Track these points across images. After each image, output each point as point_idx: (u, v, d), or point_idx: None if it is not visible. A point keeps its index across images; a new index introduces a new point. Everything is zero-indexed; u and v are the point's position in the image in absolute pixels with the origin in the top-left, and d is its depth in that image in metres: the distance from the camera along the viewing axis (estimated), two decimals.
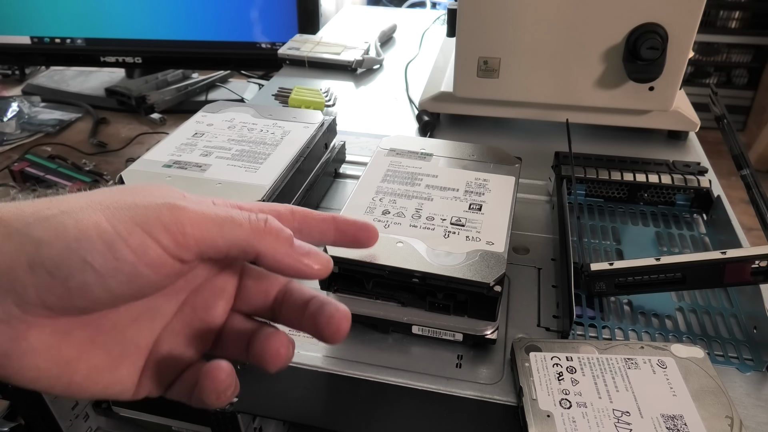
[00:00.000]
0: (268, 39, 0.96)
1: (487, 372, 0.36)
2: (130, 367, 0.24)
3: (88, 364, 0.23)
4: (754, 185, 0.45)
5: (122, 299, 0.22)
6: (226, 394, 0.23)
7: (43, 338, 0.21)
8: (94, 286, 0.21)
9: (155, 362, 0.25)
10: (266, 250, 0.24)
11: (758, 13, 1.95)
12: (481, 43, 0.57)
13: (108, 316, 0.23)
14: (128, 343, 0.24)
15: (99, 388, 0.23)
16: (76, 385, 0.22)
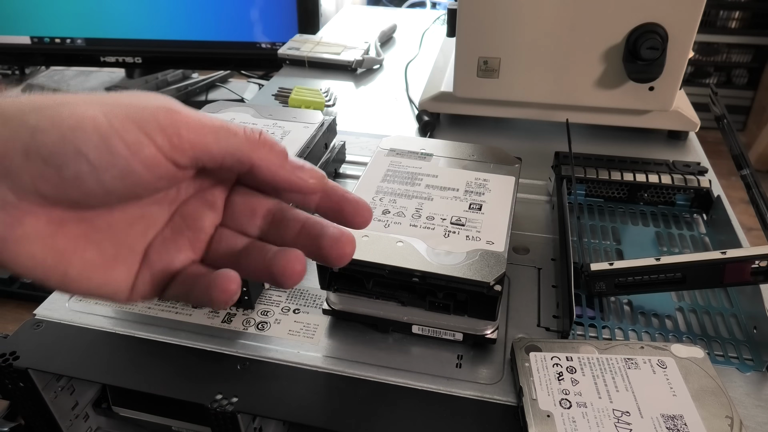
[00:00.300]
0: (268, 39, 0.96)
1: (487, 372, 0.36)
2: (125, 270, 0.24)
3: (82, 259, 0.23)
4: (754, 185, 0.45)
5: (115, 196, 0.22)
6: (233, 300, 0.24)
7: (38, 226, 0.21)
8: (88, 178, 0.21)
9: (149, 267, 0.25)
10: (260, 161, 0.24)
11: (758, 13, 1.94)
12: (481, 43, 0.57)
13: (103, 216, 0.23)
14: (122, 246, 0.24)
15: (93, 285, 0.23)
16: (71, 279, 0.22)
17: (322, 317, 0.40)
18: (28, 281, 0.61)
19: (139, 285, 0.24)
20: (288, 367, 0.36)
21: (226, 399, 0.34)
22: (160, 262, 0.25)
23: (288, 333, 0.39)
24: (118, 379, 0.36)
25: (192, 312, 0.41)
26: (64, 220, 0.22)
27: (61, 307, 0.41)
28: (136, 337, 0.39)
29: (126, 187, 0.22)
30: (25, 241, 0.21)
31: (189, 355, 0.37)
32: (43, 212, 0.21)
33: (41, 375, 0.37)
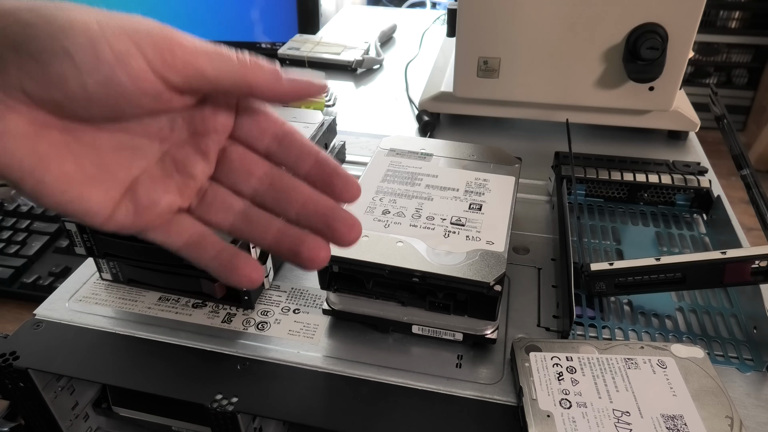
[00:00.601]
0: (268, 39, 0.96)
1: (487, 372, 0.36)
2: (102, 192, 0.24)
3: (60, 169, 0.23)
4: (754, 185, 0.45)
5: (97, 105, 0.22)
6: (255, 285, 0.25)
7: (20, 124, 0.21)
8: (71, 79, 0.21)
9: (134, 199, 0.25)
10: (258, 81, 0.24)
11: (758, 13, 1.94)
12: (481, 43, 0.57)
13: (88, 133, 0.23)
14: (104, 169, 0.24)
15: (67, 198, 0.23)
16: (45, 187, 0.22)
17: (322, 317, 0.40)
18: (28, 281, 0.61)
19: (119, 213, 0.24)
20: (288, 367, 0.36)
21: (226, 399, 0.34)
22: (146, 198, 0.25)
23: (288, 333, 0.39)
24: (118, 379, 0.36)
25: (192, 312, 0.41)
26: (47, 125, 0.22)
27: (61, 307, 0.41)
28: (136, 337, 0.39)
29: (109, 97, 0.22)
30: (5, 136, 0.21)
31: (189, 355, 0.37)
32: (27, 111, 0.22)
33: (41, 375, 0.37)
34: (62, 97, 0.22)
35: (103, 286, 0.43)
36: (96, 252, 0.40)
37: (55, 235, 0.68)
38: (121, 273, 0.42)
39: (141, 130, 0.25)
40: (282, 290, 0.42)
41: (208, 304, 0.41)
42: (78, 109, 0.22)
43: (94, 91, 0.22)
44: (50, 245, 0.67)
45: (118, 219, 0.25)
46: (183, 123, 0.26)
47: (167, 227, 0.26)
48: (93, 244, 0.40)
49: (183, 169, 0.26)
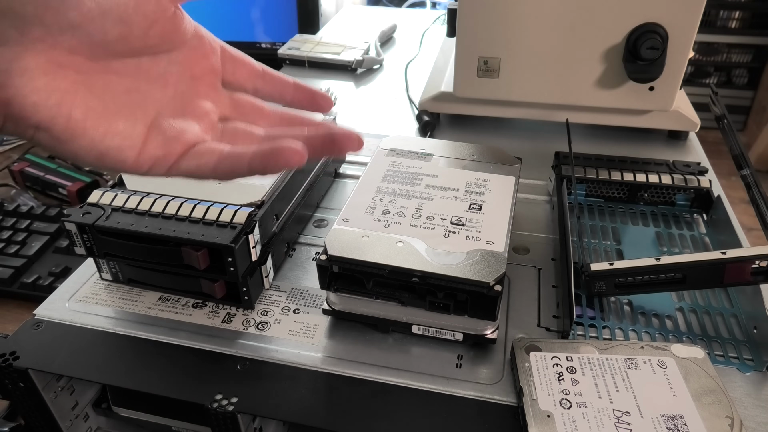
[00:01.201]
0: (268, 39, 0.96)
1: (487, 372, 0.36)
2: (129, 124, 0.25)
3: (85, 103, 0.24)
4: (754, 185, 0.45)
5: (110, 17, 0.24)
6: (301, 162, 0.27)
7: (39, 62, 0.22)
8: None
9: (161, 132, 0.26)
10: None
11: (758, 13, 1.94)
12: (481, 43, 0.57)
13: (99, 75, 0.25)
14: (124, 106, 0.26)
15: (100, 132, 0.24)
16: (76, 123, 0.23)
17: (322, 317, 0.40)
18: (28, 281, 0.61)
19: (150, 146, 0.26)
20: (288, 367, 0.36)
21: (226, 399, 0.34)
22: (171, 129, 0.27)
23: (288, 333, 0.39)
24: (118, 379, 0.36)
25: (192, 312, 0.41)
26: (63, 64, 0.23)
27: (61, 307, 0.41)
28: (136, 337, 0.39)
29: (119, 7, 0.24)
30: (28, 74, 0.22)
31: (189, 355, 0.37)
32: (44, 50, 0.23)
33: (41, 375, 0.37)
34: (79, 17, 0.23)
35: (103, 286, 0.43)
36: (96, 252, 0.40)
37: (55, 235, 0.68)
38: (121, 273, 0.42)
39: (144, 74, 0.27)
40: (282, 290, 0.42)
41: (208, 304, 0.41)
42: (93, 30, 0.23)
43: (105, 3, 0.23)
44: (50, 245, 0.67)
45: (150, 151, 0.26)
46: (179, 69, 0.28)
47: (197, 152, 0.27)
48: (93, 244, 0.40)
49: (193, 108, 0.28)
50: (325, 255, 0.36)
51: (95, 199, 0.41)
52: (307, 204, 0.49)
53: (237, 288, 0.40)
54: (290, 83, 0.32)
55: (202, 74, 0.29)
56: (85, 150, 0.24)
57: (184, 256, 0.37)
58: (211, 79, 0.30)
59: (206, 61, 0.29)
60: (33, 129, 0.23)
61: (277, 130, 0.30)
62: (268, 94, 0.32)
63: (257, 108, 0.31)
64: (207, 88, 0.30)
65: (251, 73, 0.31)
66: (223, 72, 0.30)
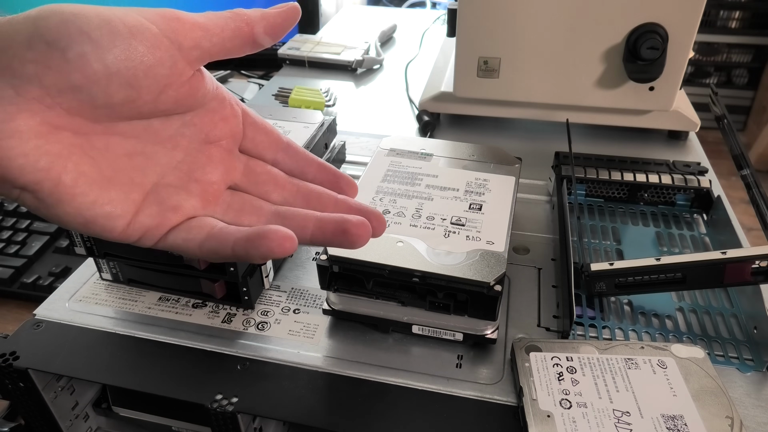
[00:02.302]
0: None
1: (487, 372, 0.36)
2: (121, 194, 0.24)
3: (77, 168, 0.23)
4: (754, 185, 0.45)
5: (117, 81, 0.22)
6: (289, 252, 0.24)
7: (31, 123, 0.21)
8: (91, 57, 0.21)
9: (157, 201, 0.25)
10: (254, 20, 0.26)
11: (758, 13, 1.94)
12: (481, 43, 0.57)
13: (99, 136, 0.24)
14: (121, 173, 0.24)
15: (88, 200, 0.23)
16: (64, 189, 0.22)
17: (322, 317, 0.40)
18: (28, 281, 0.61)
19: (141, 216, 0.25)
20: (288, 367, 0.36)
21: (226, 399, 0.34)
22: (169, 201, 0.25)
23: (288, 333, 0.39)
24: (118, 379, 0.36)
25: (192, 312, 0.41)
26: (60, 126, 0.22)
27: (61, 307, 0.41)
28: (136, 337, 0.39)
29: (128, 70, 0.22)
30: (17, 136, 0.21)
31: (189, 355, 0.37)
32: (39, 111, 0.21)
33: (41, 375, 0.37)
34: (83, 79, 0.22)
35: (103, 286, 0.43)
36: (96, 252, 0.40)
37: (55, 235, 0.68)
38: (121, 273, 0.42)
39: (152, 136, 0.25)
40: (282, 290, 0.42)
41: (208, 304, 0.41)
42: (97, 92, 0.22)
43: (113, 64, 0.22)
44: (50, 245, 0.67)
45: (141, 221, 0.25)
46: (193, 131, 0.27)
47: (188, 225, 0.26)
48: (93, 244, 0.40)
49: (200, 177, 0.27)
50: (325, 255, 0.36)
51: None
52: None
53: (237, 288, 0.40)
54: (315, 161, 0.30)
55: (218, 138, 0.27)
56: (71, 216, 0.23)
57: (184, 256, 0.37)
58: (228, 144, 0.28)
59: (225, 125, 0.28)
60: (18, 190, 0.22)
61: (289, 209, 0.27)
62: (288, 170, 0.30)
63: (272, 178, 0.29)
64: (221, 153, 0.28)
65: (273, 143, 0.30)
66: (243, 138, 0.29)
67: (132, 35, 0.22)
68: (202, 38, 0.24)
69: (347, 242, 0.26)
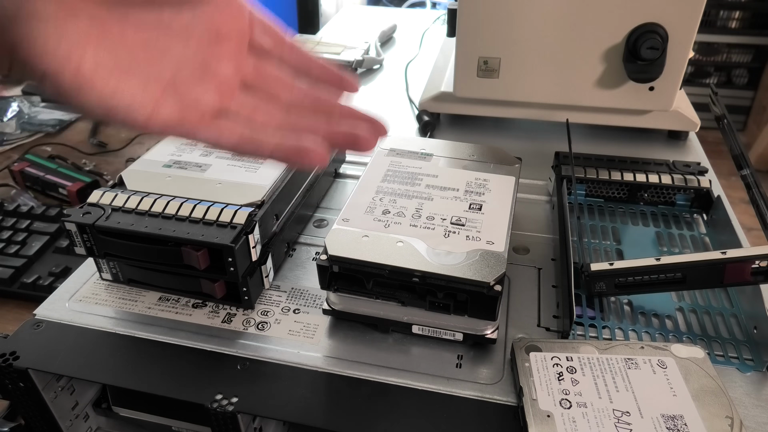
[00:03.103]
0: None
1: (487, 372, 0.36)
2: (143, 85, 0.24)
3: (96, 56, 0.22)
4: (754, 185, 0.45)
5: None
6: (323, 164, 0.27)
7: (48, 6, 0.21)
8: None
9: (175, 95, 0.25)
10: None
11: (758, 13, 1.95)
12: (481, 43, 0.57)
13: (114, 24, 0.23)
14: (138, 63, 0.24)
15: (110, 89, 0.23)
16: (84, 77, 0.22)
17: (322, 317, 0.40)
18: (28, 281, 0.61)
19: (163, 109, 0.25)
20: (288, 367, 0.36)
21: (226, 399, 0.34)
22: (187, 94, 0.26)
23: (288, 333, 0.39)
24: (118, 379, 0.36)
25: (192, 312, 0.41)
26: (76, 10, 0.22)
27: (61, 307, 0.41)
28: (136, 337, 0.39)
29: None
30: (36, 17, 0.21)
31: (189, 355, 0.37)
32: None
33: (41, 375, 0.37)
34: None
35: (103, 286, 0.43)
36: (96, 252, 0.40)
37: (55, 235, 0.68)
38: (121, 273, 0.42)
39: (165, 29, 0.25)
40: (282, 290, 0.42)
41: (208, 304, 0.41)
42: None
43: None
44: (50, 245, 0.67)
45: (162, 115, 0.25)
46: (204, 26, 0.27)
47: (217, 127, 0.26)
48: (93, 244, 0.40)
49: (215, 69, 0.27)
50: (325, 255, 0.36)
51: (95, 199, 0.41)
52: (307, 204, 0.49)
53: (237, 288, 0.40)
54: (316, 62, 0.31)
55: (228, 34, 0.28)
56: (92, 105, 0.23)
57: (184, 256, 0.37)
58: (237, 41, 0.28)
59: (234, 22, 0.28)
60: (39, 77, 0.22)
61: (298, 117, 0.29)
62: (293, 66, 0.30)
63: (281, 80, 0.30)
64: (232, 49, 0.28)
65: (278, 41, 0.30)
66: (250, 35, 0.29)
67: None
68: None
69: (357, 148, 0.28)
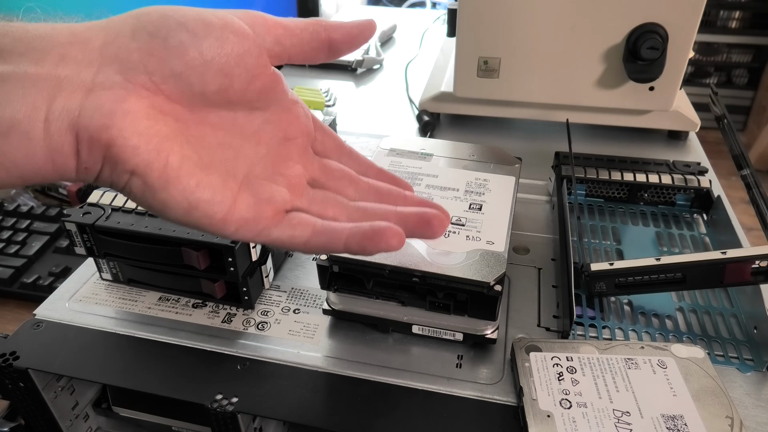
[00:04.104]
0: None
1: (487, 372, 0.36)
2: (222, 180, 0.25)
3: (181, 151, 0.24)
4: (754, 185, 0.45)
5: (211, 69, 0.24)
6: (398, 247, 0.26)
7: (141, 105, 0.23)
8: (189, 45, 0.24)
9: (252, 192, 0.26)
10: (332, 27, 0.28)
11: (758, 13, 1.94)
12: (481, 43, 0.57)
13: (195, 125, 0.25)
14: (216, 160, 0.26)
15: (193, 182, 0.24)
16: (172, 169, 0.23)
17: (322, 317, 0.40)
18: (28, 281, 0.61)
19: (241, 205, 0.26)
20: (288, 367, 0.36)
21: (226, 399, 0.34)
22: (263, 191, 0.27)
23: (288, 333, 0.39)
24: (118, 379, 0.36)
25: (192, 312, 0.41)
26: (163, 110, 0.24)
27: (61, 307, 0.41)
28: (136, 337, 0.39)
29: (221, 57, 0.24)
30: (131, 116, 0.22)
31: (189, 355, 0.37)
32: (147, 96, 0.23)
33: (41, 375, 0.37)
34: (182, 66, 0.24)
35: (103, 286, 0.43)
36: (96, 252, 0.40)
37: (55, 235, 0.68)
38: (121, 273, 0.42)
39: (239, 130, 0.27)
40: (282, 290, 0.42)
41: (208, 304, 0.41)
42: (195, 79, 0.24)
43: (208, 52, 0.24)
44: (50, 245, 0.67)
45: (240, 210, 0.26)
46: (273, 128, 0.28)
47: (290, 222, 0.27)
48: (93, 244, 0.40)
49: (284, 170, 0.28)
50: (325, 255, 0.36)
51: (95, 199, 0.41)
52: None
53: (237, 288, 0.40)
54: (374, 166, 0.32)
55: (295, 136, 0.29)
56: (176, 200, 0.24)
57: (184, 256, 0.37)
58: (303, 142, 0.30)
59: (299, 124, 0.29)
60: (129, 174, 0.23)
61: (368, 204, 0.29)
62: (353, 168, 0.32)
63: (347, 175, 0.31)
64: (298, 150, 0.29)
65: (338, 147, 0.32)
66: (315, 142, 0.31)
67: (224, 26, 0.24)
68: (283, 36, 0.26)
69: (429, 232, 0.28)
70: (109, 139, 0.22)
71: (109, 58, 0.23)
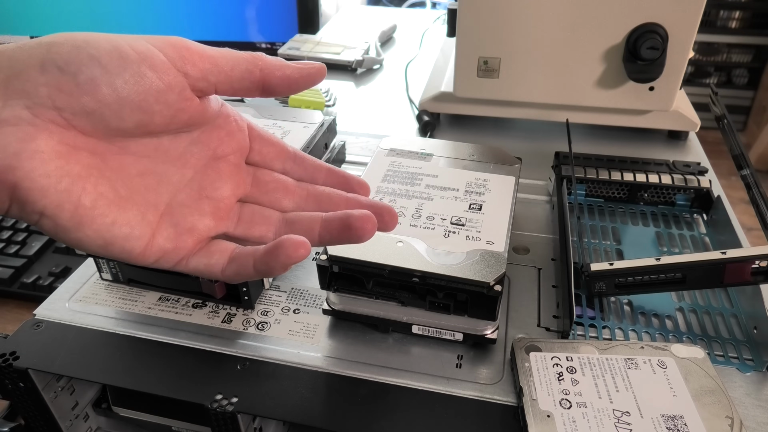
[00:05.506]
0: (268, 39, 0.96)
1: (487, 372, 0.36)
2: (138, 214, 0.24)
3: (96, 189, 0.23)
4: (754, 185, 0.45)
5: (128, 106, 0.23)
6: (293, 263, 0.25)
7: (51, 144, 0.21)
8: (101, 82, 0.22)
9: (174, 224, 0.26)
10: (267, 65, 0.26)
11: (758, 13, 1.94)
12: (481, 43, 0.57)
13: (114, 157, 0.24)
14: (136, 192, 0.25)
15: (108, 221, 0.23)
16: (84, 210, 0.22)
17: (322, 317, 0.40)
18: (28, 281, 0.61)
19: (160, 238, 0.25)
20: (288, 367, 0.36)
21: (226, 399, 0.34)
22: (184, 221, 0.26)
23: (288, 333, 0.39)
24: (118, 379, 0.36)
25: (192, 312, 0.41)
26: (77, 146, 0.22)
27: (61, 307, 0.41)
28: (136, 337, 0.39)
29: (138, 94, 0.23)
30: (39, 156, 0.21)
31: (189, 355, 0.37)
32: (57, 132, 0.22)
33: (41, 375, 0.37)
34: (94, 103, 0.22)
35: (103, 286, 0.43)
36: None
37: None
38: (121, 273, 0.42)
39: (163, 155, 0.26)
40: (282, 290, 0.42)
41: (208, 304, 0.41)
42: (110, 116, 0.22)
43: (123, 89, 0.22)
44: (50, 245, 0.67)
45: (159, 243, 0.25)
46: (201, 148, 0.27)
47: (208, 250, 0.26)
48: None
49: (210, 193, 0.27)
50: (325, 255, 0.36)
51: None
52: None
53: (237, 288, 0.40)
54: (323, 167, 0.31)
55: (225, 154, 0.28)
56: (91, 238, 0.23)
57: None
58: (235, 159, 0.28)
59: (231, 140, 0.28)
60: (38, 215, 0.22)
61: (297, 215, 0.28)
62: (299, 177, 0.30)
63: (282, 186, 0.29)
64: (229, 168, 0.28)
65: (280, 153, 0.30)
66: (250, 151, 0.29)
67: (141, 60, 0.23)
68: (210, 71, 0.25)
69: (354, 237, 0.26)
70: (15, 181, 0.21)
71: (16, 93, 0.21)
